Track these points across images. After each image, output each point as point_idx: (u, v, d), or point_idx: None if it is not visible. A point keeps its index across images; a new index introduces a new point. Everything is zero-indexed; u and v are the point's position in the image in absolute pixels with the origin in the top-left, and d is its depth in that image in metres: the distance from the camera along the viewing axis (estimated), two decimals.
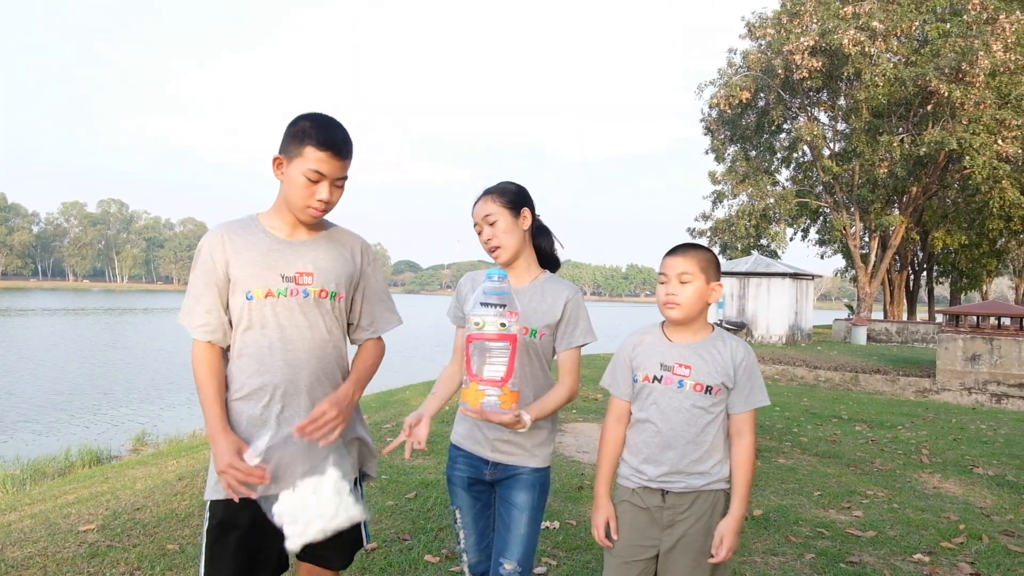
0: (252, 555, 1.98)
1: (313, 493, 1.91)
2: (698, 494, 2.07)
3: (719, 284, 2.10)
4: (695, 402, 2.05)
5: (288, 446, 1.93)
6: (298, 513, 1.90)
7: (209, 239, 2.00)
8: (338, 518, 1.93)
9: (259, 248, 1.98)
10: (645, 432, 2.11)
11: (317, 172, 1.92)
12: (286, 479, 1.92)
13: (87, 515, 4.20)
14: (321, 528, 1.91)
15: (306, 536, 1.90)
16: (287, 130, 1.97)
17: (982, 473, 5.95)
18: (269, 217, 2.06)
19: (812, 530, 4.27)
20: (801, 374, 15.40)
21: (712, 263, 2.09)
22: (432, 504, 4.44)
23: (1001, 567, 3.76)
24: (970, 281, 34.22)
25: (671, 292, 2.06)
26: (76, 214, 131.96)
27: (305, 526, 1.90)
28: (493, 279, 1.97)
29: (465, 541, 2.32)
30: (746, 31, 27.07)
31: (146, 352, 24.11)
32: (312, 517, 1.90)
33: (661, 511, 2.08)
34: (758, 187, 26.17)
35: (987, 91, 20.85)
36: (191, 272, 2.02)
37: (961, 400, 13.53)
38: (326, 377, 2.03)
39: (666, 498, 2.07)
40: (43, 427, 11.72)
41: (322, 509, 1.91)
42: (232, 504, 1.92)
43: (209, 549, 1.96)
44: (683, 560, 2.05)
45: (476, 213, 2.28)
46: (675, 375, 2.06)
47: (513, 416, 1.95)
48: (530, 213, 2.29)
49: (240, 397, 1.97)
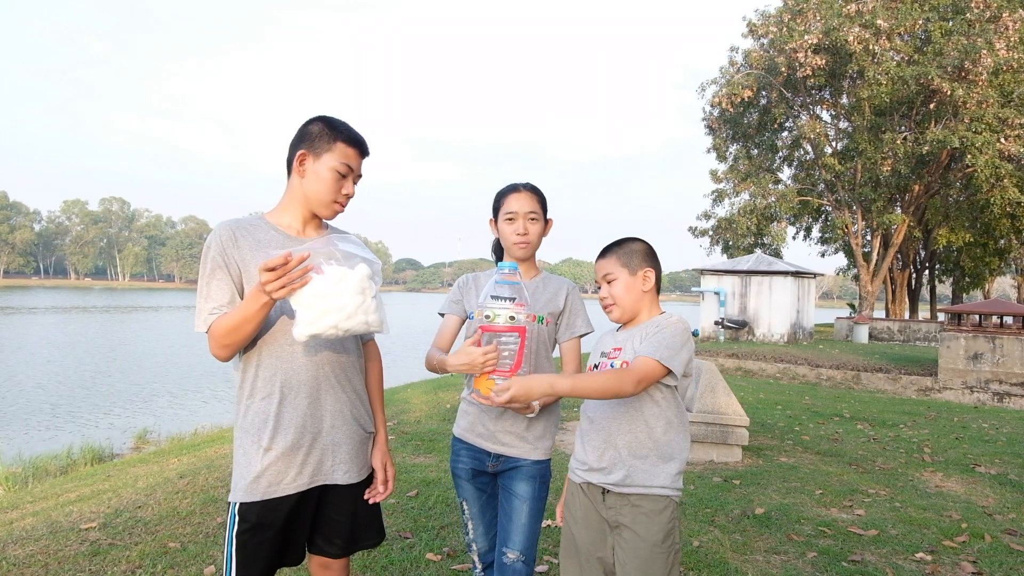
0: (281, 552, 1.98)
1: (337, 283, 1.78)
2: (641, 496, 2.02)
3: (648, 270, 2.12)
4: None
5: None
6: (316, 300, 1.77)
7: (219, 236, 1.94)
8: (355, 318, 1.82)
9: (273, 245, 1.97)
10: (587, 426, 2.16)
11: (348, 167, 1.98)
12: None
13: (89, 513, 4.20)
14: (334, 323, 1.80)
15: (315, 327, 1.79)
16: (308, 129, 1.99)
17: (984, 472, 5.94)
18: (277, 215, 2.06)
19: (814, 529, 4.26)
20: (803, 372, 15.38)
21: (635, 253, 2.12)
22: (434, 502, 4.44)
23: (1003, 566, 3.75)
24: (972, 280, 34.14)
25: (603, 296, 2.14)
26: (78, 212, 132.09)
27: (320, 315, 1.78)
28: (505, 271, 2.04)
29: (473, 532, 2.41)
30: (748, 30, 27.01)
31: (148, 350, 24.12)
32: (330, 307, 1.78)
33: (605, 508, 2.07)
34: (760, 185, 26.12)
35: (990, 90, 20.81)
36: (200, 273, 1.95)
37: (963, 399, 13.50)
38: (343, 373, 2.04)
39: (607, 497, 2.06)
40: (45, 425, 11.73)
41: (343, 302, 1.79)
42: (267, 505, 1.91)
43: (240, 551, 1.91)
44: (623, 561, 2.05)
45: (519, 204, 2.36)
46: (609, 359, 2.11)
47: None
48: (551, 225, 2.48)
49: (261, 397, 1.94)
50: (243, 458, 1.94)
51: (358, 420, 2.07)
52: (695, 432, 6.02)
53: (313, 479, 1.97)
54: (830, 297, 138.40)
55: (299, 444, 1.93)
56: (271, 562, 1.96)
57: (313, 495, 2.00)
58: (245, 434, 1.95)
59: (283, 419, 1.93)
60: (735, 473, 5.63)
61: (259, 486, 1.91)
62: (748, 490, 5.13)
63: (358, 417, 2.08)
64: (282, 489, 1.92)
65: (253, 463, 1.92)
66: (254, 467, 1.91)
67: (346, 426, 2.03)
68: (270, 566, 1.96)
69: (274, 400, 1.93)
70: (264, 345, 1.95)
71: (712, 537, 4.04)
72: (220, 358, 1.91)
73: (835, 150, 26.38)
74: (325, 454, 1.98)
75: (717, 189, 28.91)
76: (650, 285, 2.11)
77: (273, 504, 1.92)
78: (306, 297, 1.77)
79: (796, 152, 29.45)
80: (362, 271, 1.82)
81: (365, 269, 1.83)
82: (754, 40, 26.91)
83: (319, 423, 1.97)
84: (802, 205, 27.85)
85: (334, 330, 1.81)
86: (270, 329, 1.95)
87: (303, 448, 1.94)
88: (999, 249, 29.95)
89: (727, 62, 28.06)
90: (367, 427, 2.12)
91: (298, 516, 1.98)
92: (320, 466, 1.98)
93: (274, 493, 1.92)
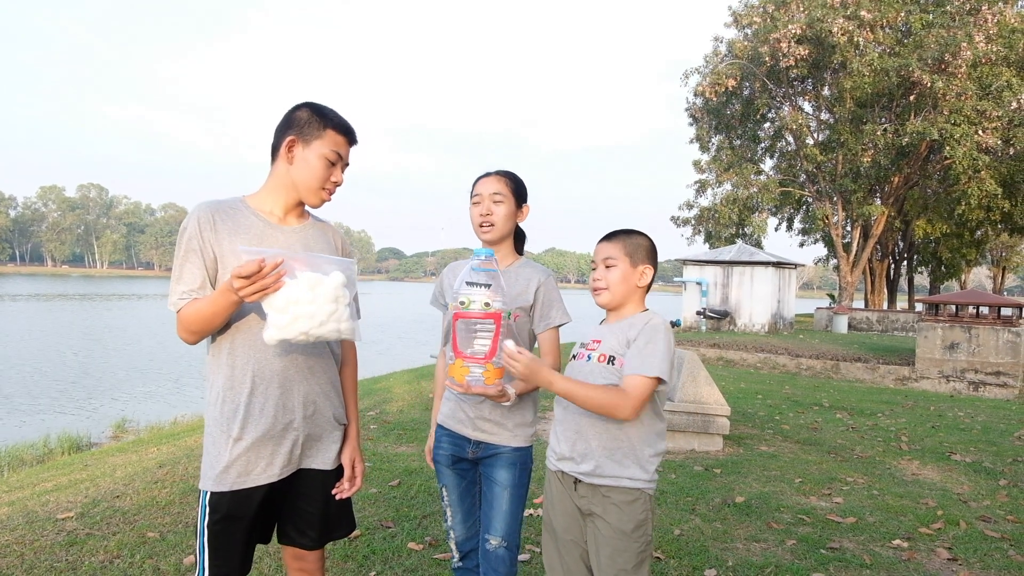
0: (252, 539, 1.98)
1: (311, 290, 1.77)
2: (611, 489, 2.03)
3: (648, 267, 2.13)
4: (598, 372, 2.06)
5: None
6: (288, 306, 1.76)
7: (197, 218, 1.89)
8: (327, 326, 1.81)
9: (252, 232, 1.93)
10: (560, 414, 2.19)
11: (337, 154, 1.96)
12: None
13: (66, 503, 4.15)
14: (305, 330, 1.78)
15: (286, 332, 1.77)
16: (296, 115, 1.95)
17: (959, 460, 6.03)
18: (259, 200, 2.01)
19: (794, 516, 4.31)
20: (783, 362, 15.52)
21: (640, 247, 2.12)
22: (416, 492, 4.43)
23: (978, 552, 3.82)
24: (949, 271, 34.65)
25: (596, 277, 2.14)
26: (54, 198, 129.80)
27: (292, 321, 1.76)
28: (481, 257, 2.01)
29: (452, 519, 2.40)
30: (732, 19, 27.05)
31: (127, 339, 23.87)
32: (301, 313, 1.76)
33: (578, 497, 2.09)
34: (742, 176, 26.22)
35: (969, 82, 20.98)
36: (175, 253, 1.91)
37: (939, 388, 13.70)
38: (317, 363, 2.01)
39: (578, 487, 2.08)
40: (22, 414, 11.56)
41: (315, 309, 1.78)
42: (237, 496, 1.89)
43: (212, 541, 1.90)
44: (595, 552, 2.07)
45: (484, 187, 2.34)
46: (587, 350, 2.13)
47: (497, 390, 2.01)
48: (526, 211, 2.42)
49: (231, 386, 1.90)
50: (212, 447, 1.92)
51: (332, 410, 2.05)
52: (677, 421, 6.06)
53: (283, 470, 1.95)
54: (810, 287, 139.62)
55: (270, 434, 1.91)
56: (244, 549, 1.95)
57: (285, 483, 1.97)
58: (215, 423, 1.92)
59: (253, 408, 1.90)
60: (716, 462, 5.67)
61: (228, 476, 1.88)
62: (729, 479, 5.17)
63: (332, 407, 2.05)
64: (252, 480, 1.90)
65: (222, 453, 1.89)
66: (223, 457, 1.89)
67: (318, 416, 2.00)
68: (242, 553, 1.95)
69: (245, 389, 1.90)
70: (236, 333, 1.91)
71: (693, 525, 4.07)
72: (187, 342, 1.89)
73: (817, 141, 26.52)
74: (296, 444, 1.96)
75: (700, 179, 29.00)
76: (645, 281, 2.13)
77: (243, 495, 1.90)
78: (279, 301, 1.75)
79: (778, 143, 29.58)
80: (336, 279, 1.81)
81: (340, 277, 1.82)
82: (738, 30, 26.97)
83: (291, 413, 1.94)
84: (784, 196, 28.02)
85: (304, 336, 1.80)
86: (243, 317, 1.91)
87: (273, 438, 1.92)
88: (976, 240, 30.40)
89: (711, 51, 28.12)
90: (340, 418, 2.09)
91: (271, 503, 1.97)
92: (290, 456, 1.95)
93: (243, 484, 1.89)
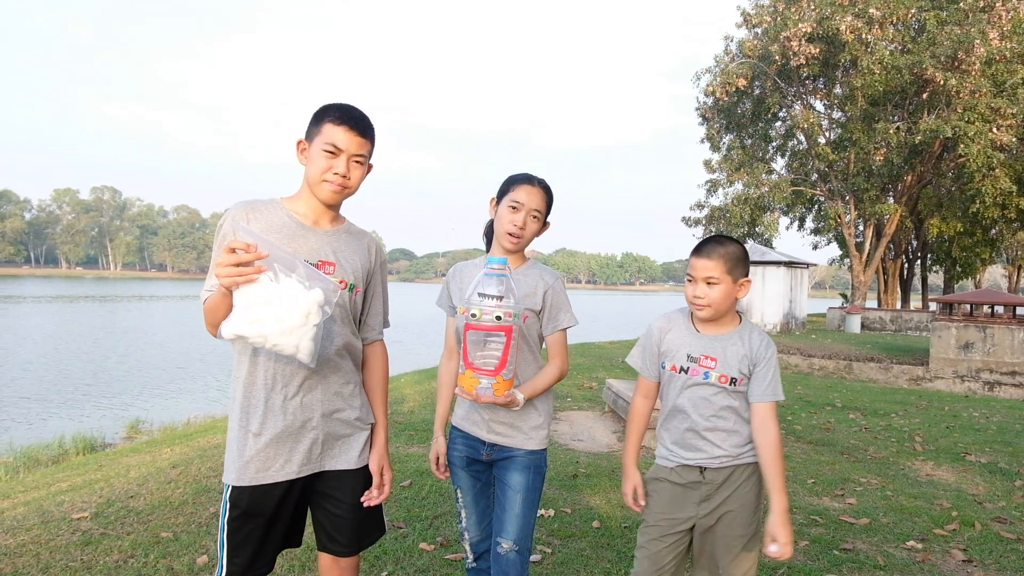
0: (273, 537, 2.00)
1: (287, 297, 1.73)
2: (733, 468, 2.16)
3: (747, 280, 2.17)
4: (719, 392, 2.15)
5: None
6: (257, 305, 1.71)
7: (233, 216, 1.95)
8: (287, 337, 1.75)
9: (284, 231, 1.97)
10: (675, 419, 2.23)
11: (334, 145, 1.95)
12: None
13: (80, 503, 4.18)
14: (265, 334, 1.73)
15: (245, 329, 1.72)
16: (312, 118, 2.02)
17: (975, 460, 5.98)
18: (293, 202, 2.05)
19: (806, 517, 4.29)
20: (795, 362, 15.44)
21: (739, 260, 2.14)
22: (427, 492, 4.44)
23: (993, 554, 3.78)
24: (963, 270, 34.31)
25: (698, 295, 2.14)
26: (69, 201, 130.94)
27: (255, 320, 1.72)
28: (495, 265, 2.00)
29: (466, 520, 2.41)
30: (742, 19, 26.94)
31: (140, 340, 24.03)
32: (266, 317, 1.71)
33: (699, 486, 2.18)
34: (753, 175, 26.11)
35: (983, 79, 20.79)
36: (213, 250, 1.93)
37: (954, 388, 13.59)
38: (340, 363, 2.04)
39: (704, 474, 2.17)
40: (37, 414, 11.68)
41: (282, 315, 1.72)
42: (257, 491, 1.93)
43: (232, 538, 1.94)
44: (726, 534, 2.15)
45: (528, 198, 2.29)
46: (701, 367, 2.15)
47: (506, 398, 2.03)
48: (547, 227, 2.43)
49: (253, 382, 1.94)
50: (234, 441, 1.97)
51: (353, 411, 2.07)
52: None
53: (302, 468, 1.98)
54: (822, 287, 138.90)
55: (288, 431, 1.95)
56: (262, 548, 1.97)
57: (306, 484, 2.00)
58: (237, 418, 1.97)
59: (272, 405, 1.94)
60: None
61: (248, 471, 1.93)
62: None
63: (354, 408, 2.07)
64: (271, 476, 1.94)
65: (243, 447, 1.94)
66: (244, 451, 1.94)
67: (338, 416, 2.03)
68: (261, 551, 1.97)
69: (265, 386, 1.94)
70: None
71: None
72: (211, 335, 1.91)
73: (828, 140, 26.37)
74: (316, 443, 1.99)
75: (711, 179, 28.90)
76: (744, 293, 2.17)
77: (263, 491, 1.93)
78: (250, 298, 1.72)
79: (789, 142, 29.45)
80: (315, 296, 1.77)
81: (319, 295, 1.78)
82: (748, 29, 26.84)
83: (309, 411, 1.98)
84: (795, 195, 27.87)
85: (262, 340, 1.75)
86: None
87: (292, 435, 1.96)
88: (990, 239, 30.08)
89: (722, 51, 28.03)
90: (365, 419, 2.12)
91: (295, 505, 2.00)
92: (309, 455, 1.98)
93: (263, 479, 1.93)
